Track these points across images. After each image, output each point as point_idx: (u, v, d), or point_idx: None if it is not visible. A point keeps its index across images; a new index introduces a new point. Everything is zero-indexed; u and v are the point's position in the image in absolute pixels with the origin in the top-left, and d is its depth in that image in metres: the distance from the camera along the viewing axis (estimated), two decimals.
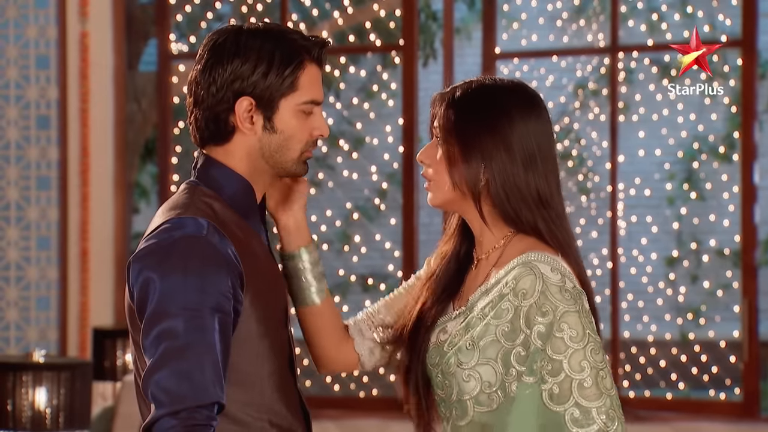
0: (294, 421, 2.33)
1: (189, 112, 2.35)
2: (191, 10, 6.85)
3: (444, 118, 2.39)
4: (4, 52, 6.15)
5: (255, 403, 2.28)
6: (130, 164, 6.92)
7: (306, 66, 2.32)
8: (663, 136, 8.82)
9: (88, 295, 6.14)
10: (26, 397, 4.26)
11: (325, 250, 8.63)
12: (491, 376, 2.29)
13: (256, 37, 2.30)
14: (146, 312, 2.18)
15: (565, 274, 2.29)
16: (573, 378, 2.24)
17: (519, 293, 2.28)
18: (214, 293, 2.18)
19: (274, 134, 2.32)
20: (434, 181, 2.40)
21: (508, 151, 2.34)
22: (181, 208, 2.27)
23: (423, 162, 2.42)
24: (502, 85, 2.41)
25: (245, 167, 2.33)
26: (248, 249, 2.28)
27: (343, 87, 8.76)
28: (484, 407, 2.30)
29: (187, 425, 2.12)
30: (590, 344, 2.26)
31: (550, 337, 2.25)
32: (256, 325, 2.27)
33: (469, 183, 2.35)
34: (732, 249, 8.51)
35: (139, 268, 2.21)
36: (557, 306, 2.26)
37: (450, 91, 2.43)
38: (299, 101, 2.31)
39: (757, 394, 5.65)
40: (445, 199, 2.39)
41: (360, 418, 5.98)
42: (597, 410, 2.24)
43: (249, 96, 2.28)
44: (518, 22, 8.51)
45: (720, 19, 8.19)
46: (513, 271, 2.31)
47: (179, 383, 2.13)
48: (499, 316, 2.30)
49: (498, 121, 2.35)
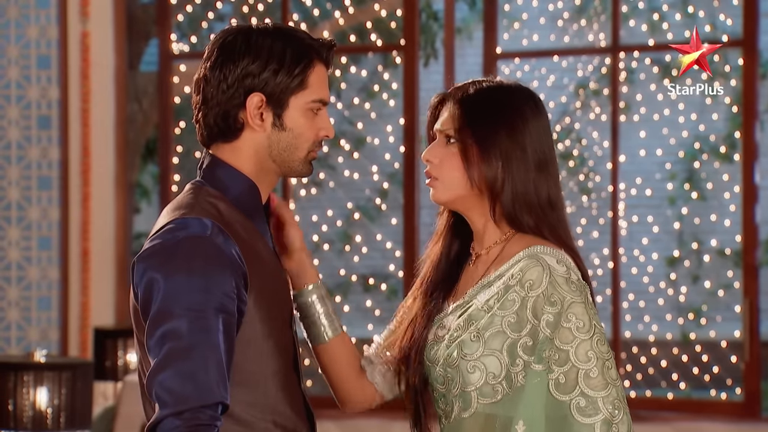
0: (298, 422, 2.33)
1: (196, 111, 2.36)
2: (192, 10, 6.85)
3: (458, 117, 2.41)
4: (5, 52, 6.15)
5: (259, 404, 2.28)
6: (131, 164, 6.92)
7: (315, 65, 2.34)
8: (664, 136, 8.82)
9: (89, 295, 6.14)
10: (27, 397, 4.26)
11: (326, 250, 8.63)
12: (496, 367, 2.31)
13: (266, 36, 2.32)
14: (150, 312, 2.19)
15: (570, 266, 2.33)
16: (579, 368, 2.26)
17: (526, 284, 2.31)
18: (218, 294, 2.18)
19: (283, 132, 2.33)
20: (441, 180, 2.41)
21: (523, 152, 2.38)
22: (185, 208, 2.28)
23: (430, 161, 2.43)
24: (511, 86, 2.45)
25: (252, 166, 2.34)
26: (253, 250, 2.28)
27: (344, 87, 8.76)
28: (488, 398, 2.32)
29: (190, 425, 2.13)
30: (596, 335, 2.29)
31: (558, 326, 2.28)
32: (260, 326, 2.27)
33: (488, 181, 2.38)
34: (733, 249, 8.51)
35: (143, 268, 2.21)
36: (565, 296, 2.29)
37: (460, 91, 2.45)
38: (308, 99, 2.33)
39: (758, 394, 5.65)
40: (456, 195, 2.41)
41: (361, 418, 5.97)
42: (603, 400, 2.26)
43: (260, 92, 2.30)
44: (519, 22, 8.51)
45: (721, 18, 8.19)
46: (519, 264, 2.34)
47: (183, 384, 2.13)
48: (504, 308, 2.32)
49: (514, 122, 2.39)
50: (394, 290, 9.09)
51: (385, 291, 9.16)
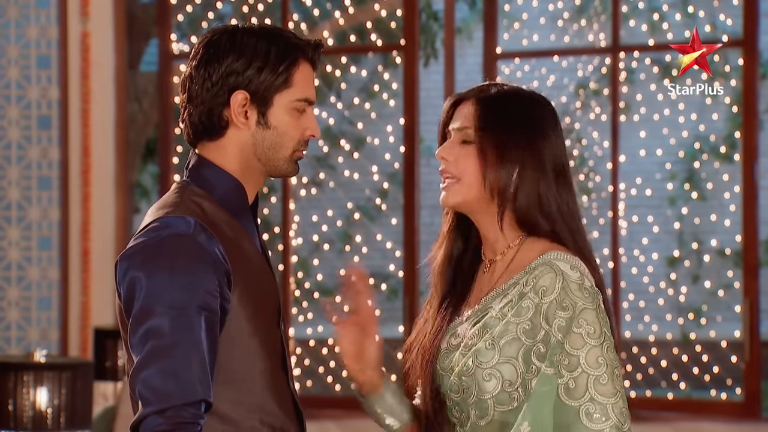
0: (286, 420, 2.33)
1: (182, 109, 2.38)
2: (192, 10, 6.85)
3: (478, 118, 2.39)
4: (5, 52, 6.15)
5: (245, 402, 2.28)
6: (131, 164, 6.93)
7: (300, 64, 2.34)
8: (664, 136, 8.82)
9: (90, 295, 6.14)
10: (27, 397, 4.26)
11: (326, 250, 8.63)
12: (512, 374, 2.30)
13: (251, 35, 2.33)
14: (133, 310, 2.20)
15: (584, 273, 2.32)
16: (590, 374, 2.26)
17: (539, 291, 2.31)
18: (200, 291, 2.19)
19: (267, 130, 2.33)
20: (458, 180, 2.39)
21: (540, 160, 2.37)
22: (170, 207, 2.29)
23: (445, 159, 2.40)
24: (534, 94, 2.43)
25: (237, 165, 2.35)
26: (238, 248, 2.29)
27: (344, 87, 8.76)
28: (505, 406, 2.31)
29: (173, 423, 2.13)
30: (606, 342, 2.29)
31: (569, 331, 2.27)
32: (245, 324, 2.27)
33: (501, 186, 2.36)
34: (733, 249, 8.51)
35: (126, 266, 2.22)
36: (576, 302, 2.28)
37: (480, 91, 2.42)
38: (293, 98, 2.34)
39: (759, 394, 5.65)
40: (468, 198, 2.39)
41: (361, 419, 5.95)
42: (612, 407, 2.26)
43: (244, 90, 2.31)
44: (519, 22, 8.51)
45: (721, 18, 8.19)
46: (534, 271, 2.33)
47: (166, 381, 2.14)
48: (519, 314, 2.31)
49: (534, 129, 2.38)
50: (394, 290, 9.09)
51: (385, 291, 9.16)
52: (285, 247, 6.23)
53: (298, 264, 7.95)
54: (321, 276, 8.52)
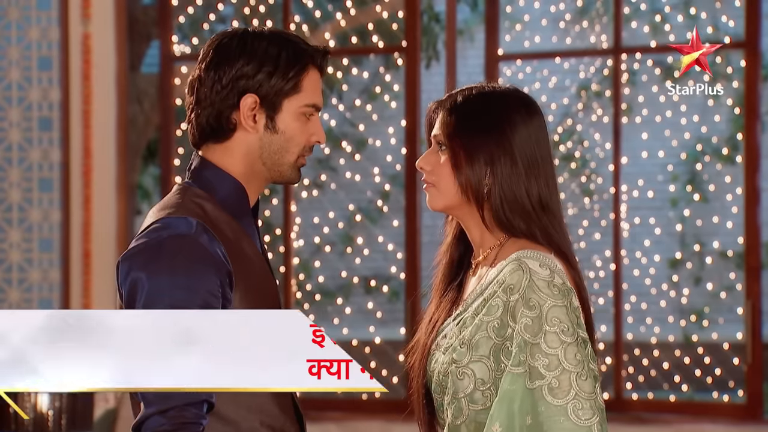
0: (286, 422, 2.34)
1: (189, 111, 2.39)
2: (193, 12, 6.85)
3: (447, 124, 2.42)
4: (7, 53, 6.15)
5: (246, 403, 2.29)
6: (132, 166, 6.92)
7: (309, 70, 2.37)
8: (666, 138, 8.81)
9: (91, 297, 6.14)
10: (29, 399, 4.26)
11: (328, 251, 8.62)
12: (484, 373, 2.31)
13: (261, 39, 2.35)
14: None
15: (555, 270, 2.32)
16: (571, 371, 2.26)
17: (507, 289, 2.32)
18: (201, 292, 2.20)
19: (275, 134, 2.36)
20: (436, 187, 2.44)
21: (511, 156, 2.38)
22: (171, 208, 2.30)
23: (423, 168, 2.46)
24: (501, 91, 2.45)
25: (241, 168, 2.36)
26: (238, 249, 2.30)
27: (346, 88, 8.75)
28: (478, 405, 2.32)
29: (176, 423, 2.14)
30: (579, 339, 2.28)
31: (541, 331, 2.26)
32: None
33: (473, 187, 2.39)
34: (735, 251, 8.50)
35: (127, 267, 2.24)
36: (544, 300, 2.28)
37: (450, 98, 2.46)
38: (301, 103, 2.36)
39: (761, 396, 5.64)
40: (448, 203, 2.43)
41: (362, 420, 5.97)
42: (591, 403, 2.25)
43: (254, 94, 2.33)
44: (521, 24, 8.51)
45: (723, 20, 8.18)
46: (504, 269, 2.34)
47: None
48: (489, 313, 2.33)
49: (500, 126, 2.39)
50: (395, 292, 9.08)
51: (386, 293, 9.15)
52: (286, 249, 6.23)
53: (300, 266, 7.94)
54: (322, 278, 8.52)
